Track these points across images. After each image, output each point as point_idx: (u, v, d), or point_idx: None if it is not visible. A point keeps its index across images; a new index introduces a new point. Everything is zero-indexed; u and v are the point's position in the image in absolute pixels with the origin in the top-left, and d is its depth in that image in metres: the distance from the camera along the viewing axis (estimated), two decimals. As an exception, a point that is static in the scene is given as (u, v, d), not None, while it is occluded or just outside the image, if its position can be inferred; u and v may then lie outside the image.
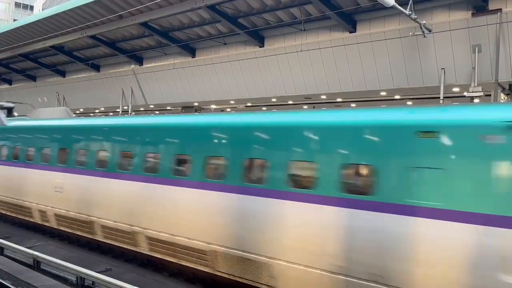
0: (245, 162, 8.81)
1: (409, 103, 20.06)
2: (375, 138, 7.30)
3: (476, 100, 15.14)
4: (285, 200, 8.03)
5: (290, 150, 8.29)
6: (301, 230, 7.75)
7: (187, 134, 10.20)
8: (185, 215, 9.61)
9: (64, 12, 23.81)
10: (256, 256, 8.25)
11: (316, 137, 8.09)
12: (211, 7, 19.11)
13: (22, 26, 27.45)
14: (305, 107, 23.96)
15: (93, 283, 9.08)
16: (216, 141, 9.60)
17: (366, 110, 8.37)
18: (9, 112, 21.73)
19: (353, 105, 22.01)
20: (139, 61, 26.92)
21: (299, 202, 7.82)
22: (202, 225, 9.26)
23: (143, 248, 10.71)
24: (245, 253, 8.45)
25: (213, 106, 27.35)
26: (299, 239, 7.76)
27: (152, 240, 10.36)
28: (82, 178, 12.59)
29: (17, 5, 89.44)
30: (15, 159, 15.67)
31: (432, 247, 6.37)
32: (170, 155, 10.24)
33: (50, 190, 13.48)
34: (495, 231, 5.96)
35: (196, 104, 26.60)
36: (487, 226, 6.03)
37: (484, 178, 6.19)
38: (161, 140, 10.73)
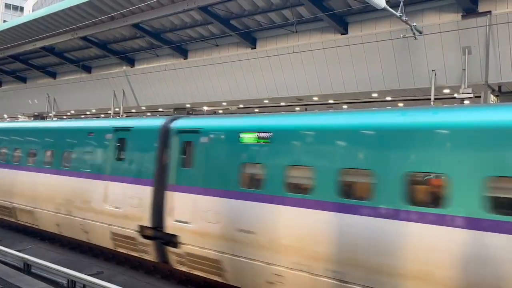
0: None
1: (400, 104, 20.19)
2: None
3: (466, 102, 15.28)
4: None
5: None
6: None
7: None
8: None
9: (55, 13, 23.66)
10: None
11: None
12: (203, 9, 19.10)
13: (12, 27, 27.22)
14: (297, 108, 24.03)
15: (84, 286, 9.00)
16: None
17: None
18: None
19: (344, 106, 22.12)
20: (131, 62, 26.81)
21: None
22: None
23: None
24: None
25: (205, 108, 27.32)
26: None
27: None
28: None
29: (7, 6, 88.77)
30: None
31: None
32: None
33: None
34: None
35: (188, 105, 26.55)
36: None
37: None
38: None
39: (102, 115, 33.19)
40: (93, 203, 11.71)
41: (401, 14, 13.71)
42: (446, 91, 16.92)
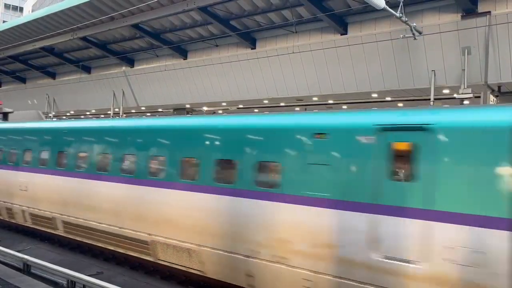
0: None
1: (400, 104, 20.20)
2: None
3: (466, 102, 15.29)
4: None
5: None
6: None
7: None
8: None
9: (54, 14, 23.67)
10: None
11: None
12: (203, 9, 19.10)
13: (12, 28, 27.23)
14: (297, 109, 24.04)
15: (84, 286, 8.99)
16: None
17: None
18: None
19: (344, 107, 22.12)
20: (131, 63, 26.82)
21: None
22: None
23: None
24: None
25: (205, 108, 27.34)
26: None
27: None
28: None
29: (7, 6, 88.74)
30: None
31: None
32: None
33: None
34: None
35: (188, 106, 26.56)
36: None
37: None
38: None
39: (102, 116, 33.20)
40: (342, 249, 7.12)
41: (400, 15, 13.71)
42: (446, 91, 16.94)
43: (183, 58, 23.78)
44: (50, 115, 34.01)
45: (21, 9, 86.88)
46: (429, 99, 16.14)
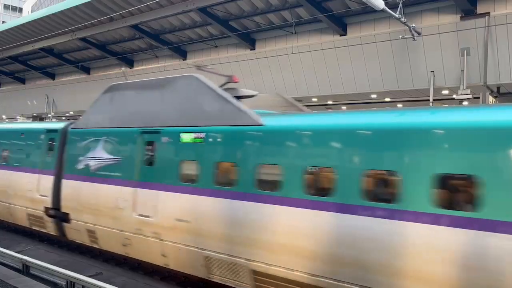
0: None
1: (399, 105, 20.21)
2: None
3: (465, 103, 15.32)
4: None
5: None
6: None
7: None
8: None
9: (54, 14, 23.68)
10: None
11: None
12: (202, 10, 19.12)
13: (11, 28, 27.23)
14: (296, 109, 24.04)
15: (83, 287, 8.99)
16: None
17: None
18: None
19: (343, 107, 22.14)
20: (130, 63, 26.82)
21: None
22: None
23: None
24: None
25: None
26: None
27: None
28: None
29: (6, 7, 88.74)
30: None
31: None
32: None
33: None
34: None
35: (187, 106, 26.56)
36: None
37: None
38: None
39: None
40: None
41: (400, 15, 13.74)
42: (445, 92, 16.97)
43: (183, 58, 23.79)
44: (49, 115, 33.99)
45: (21, 10, 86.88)
46: (428, 100, 16.16)
